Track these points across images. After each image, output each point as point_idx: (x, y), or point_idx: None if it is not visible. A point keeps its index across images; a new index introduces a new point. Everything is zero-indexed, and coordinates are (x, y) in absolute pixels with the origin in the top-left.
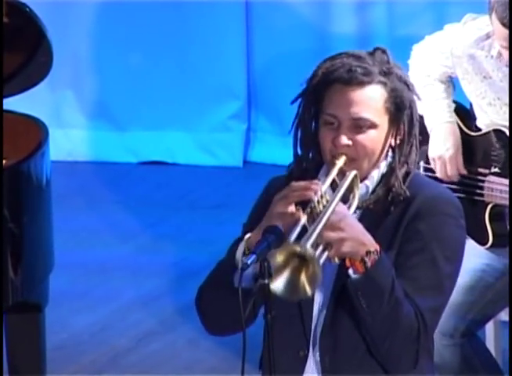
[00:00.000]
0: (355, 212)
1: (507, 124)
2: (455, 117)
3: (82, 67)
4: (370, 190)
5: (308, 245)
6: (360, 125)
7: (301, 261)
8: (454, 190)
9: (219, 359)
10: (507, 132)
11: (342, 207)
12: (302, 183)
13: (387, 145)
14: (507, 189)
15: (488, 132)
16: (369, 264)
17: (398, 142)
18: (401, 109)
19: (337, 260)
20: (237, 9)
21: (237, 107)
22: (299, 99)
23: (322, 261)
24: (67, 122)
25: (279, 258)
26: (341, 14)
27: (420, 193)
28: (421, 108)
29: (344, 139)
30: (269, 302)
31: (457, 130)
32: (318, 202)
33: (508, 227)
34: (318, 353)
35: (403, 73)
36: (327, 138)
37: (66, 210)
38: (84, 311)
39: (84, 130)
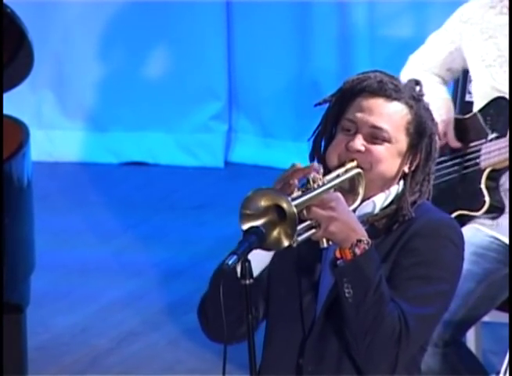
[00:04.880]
0: None
1: (504, 88)
2: (451, 101)
3: (63, 68)
4: (377, 210)
5: (293, 203)
6: (377, 136)
7: (280, 217)
8: (448, 173)
9: (200, 359)
10: (505, 96)
11: (338, 194)
12: (303, 165)
13: (401, 169)
14: (506, 144)
15: (481, 109)
16: (358, 252)
17: (412, 168)
18: (422, 136)
19: (325, 243)
20: (218, 10)
21: (218, 108)
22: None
23: (305, 237)
24: (48, 123)
25: (263, 202)
26: (322, 14)
27: (425, 215)
28: None
29: (358, 144)
30: (250, 303)
31: (452, 106)
32: (313, 181)
33: (502, 197)
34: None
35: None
36: (341, 143)
37: (48, 211)
38: (66, 312)
39: (65, 131)
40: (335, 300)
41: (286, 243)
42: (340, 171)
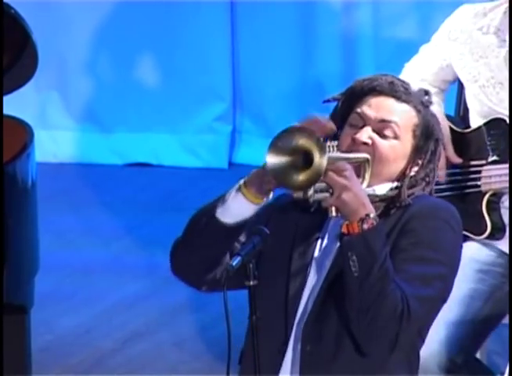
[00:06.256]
0: None
1: (500, 109)
2: (443, 113)
3: (68, 69)
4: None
5: (326, 155)
6: (384, 131)
7: (306, 163)
8: (448, 189)
9: (204, 360)
10: (505, 118)
11: (350, 166)
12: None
13: (403, 171)
14: (506, 172)
15: (481, 126)
16: (365, 227)
17: (415, 169)
18: (427, 140)
19: (334, 212)
20: (222, 11)
21: (222, 109)
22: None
23: (317, 198)
24: (53, 124)
25: (299, 142)
26: (327, 15)
27: (422, 200)
28: None
29: (365, 136)
30: (255, 304)
31: (445, 122)
32: (331, 148)
33: (502, 216)
34: (300, 342)
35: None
36: (347, 136)
37: (52, 212)
38: (70, 313)
39: (69, 132)
40: (336, 279)
41: (308, 188)
42: (350, 155)
